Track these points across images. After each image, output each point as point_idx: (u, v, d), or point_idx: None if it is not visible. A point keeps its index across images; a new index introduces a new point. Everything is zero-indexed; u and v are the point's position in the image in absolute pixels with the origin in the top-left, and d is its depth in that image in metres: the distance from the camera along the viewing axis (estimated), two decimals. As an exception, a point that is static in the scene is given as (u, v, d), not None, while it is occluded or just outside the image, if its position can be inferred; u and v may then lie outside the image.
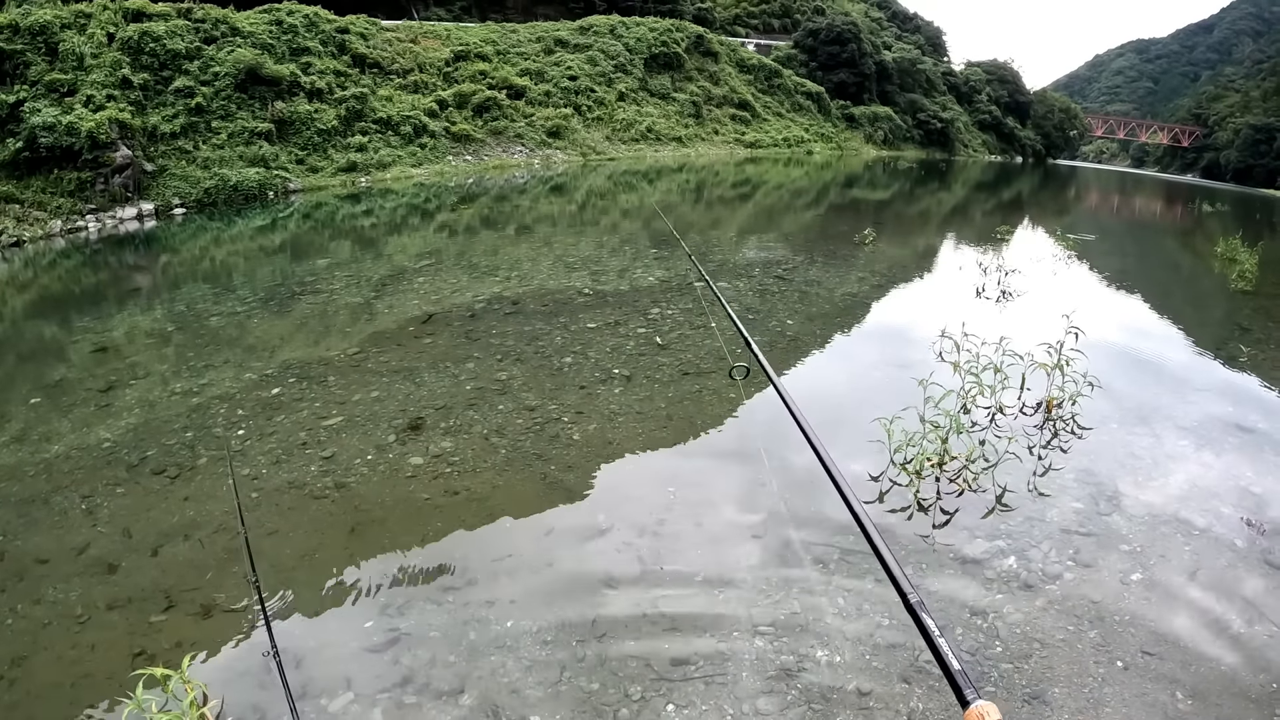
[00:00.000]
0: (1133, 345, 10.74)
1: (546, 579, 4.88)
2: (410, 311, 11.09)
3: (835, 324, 11.21)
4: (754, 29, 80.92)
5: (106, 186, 22.40)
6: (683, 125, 52.69)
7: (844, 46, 72.82)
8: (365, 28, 37.65)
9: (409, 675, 4.05)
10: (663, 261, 15.10)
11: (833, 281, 13.95)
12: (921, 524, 5.60)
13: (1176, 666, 4.19)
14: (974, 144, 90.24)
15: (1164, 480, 6.50)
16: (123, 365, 9.14)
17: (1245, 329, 12.03)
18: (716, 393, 8.13)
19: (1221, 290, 15.61)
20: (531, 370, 8.65)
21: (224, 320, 10.90)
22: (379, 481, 6.17)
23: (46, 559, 5.15)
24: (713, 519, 5.62)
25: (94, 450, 6.79)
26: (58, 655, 4.28)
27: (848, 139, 69.49)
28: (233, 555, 5.10)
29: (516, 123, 41.31)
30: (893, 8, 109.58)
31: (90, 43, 25.31)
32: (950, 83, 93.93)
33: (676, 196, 29.81)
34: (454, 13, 52.99)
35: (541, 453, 6.67)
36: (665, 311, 11.11)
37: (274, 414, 7.48)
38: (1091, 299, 14.06)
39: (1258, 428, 7.78)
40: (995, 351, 7.77)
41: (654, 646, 4.26)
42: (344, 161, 30.90)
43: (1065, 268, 17.02)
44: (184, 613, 4.59)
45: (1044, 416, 7.63)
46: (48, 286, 15.10)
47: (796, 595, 4.71)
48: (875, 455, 6.51)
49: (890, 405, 6.79)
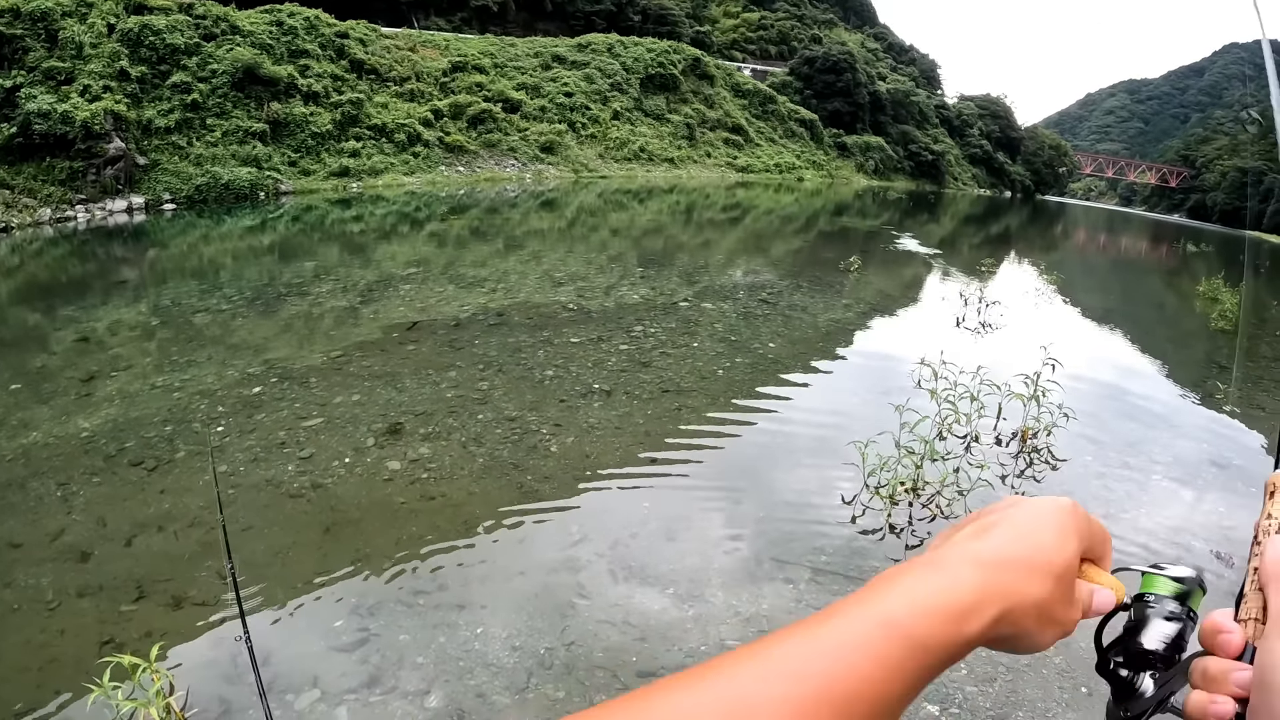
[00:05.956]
0: (1112, 380, 10.86)
1: (518, 586, 4.90)
2: (395, 318, 11.10)
3: (817, 349, 11.28)
4: (751, 54, 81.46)
5: (98, 177, 22.38)
6: (675, 147, 52.93)
7: (839, 76, 73.38)
8: (365, 33, 37.76)
9: (376, 675, 4.06)
10: (649, 280, 15.17)
11: (817, 307, 14.03)
12: (893, 547, 5.66)
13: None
14: (964, 177, 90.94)
15: (1136, 513, 6.57)
16: (105, 356, 9.13)
17: (1224, 367, 12.19)
18: (695, 411, 8.17)
19: (1202, 329, 15.78)
20: (513, 381, 8.68)
21: (209, 317, 10.89)
22: (356, 484, 6.18)
23: (20, 544, 5.15)
24: (685, 534, 5.65)
25: (72, 439, 6.78)
26: (26, 639, 4.28)
27: (839, 167, 69.94)
28: (206, 549, 5.11)
29: (510, 136, 41.45)
30: (889, 39, 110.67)
31: (90, 32, 25.31)
32: (943, 115, 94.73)
33: (667, 217, 29.93)
34: (454, 23, 53.16)
35: (519, 462, 6.69)
36: (648, 329, 11.16)
37: (254, 412, 7.48)
38: (1072, 333, 14.21)
39: (1232, 464, 7.88)
40: (973, 380, 7.85)
41: (622, 657, 4.28)
42: (336, 166, 30.95)
43: (1047, 302, 17.21)
44: (155, 603, 4.60)
45: (1019, 446, 7.70)
46: (34, 274, 15.07)
47: (766, 613, 4.74)
48: (850, 478, 6.56)
49: (866, 430, 6.86)
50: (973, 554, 0.67)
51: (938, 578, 0.65)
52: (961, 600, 0.63)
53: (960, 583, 0.64)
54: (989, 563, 0.66)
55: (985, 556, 0.67)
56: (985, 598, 0.64)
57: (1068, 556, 0.70)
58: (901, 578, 0.65)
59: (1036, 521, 0.71)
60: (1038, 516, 0.71)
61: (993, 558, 0.67)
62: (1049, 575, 0.68)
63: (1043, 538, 0.70)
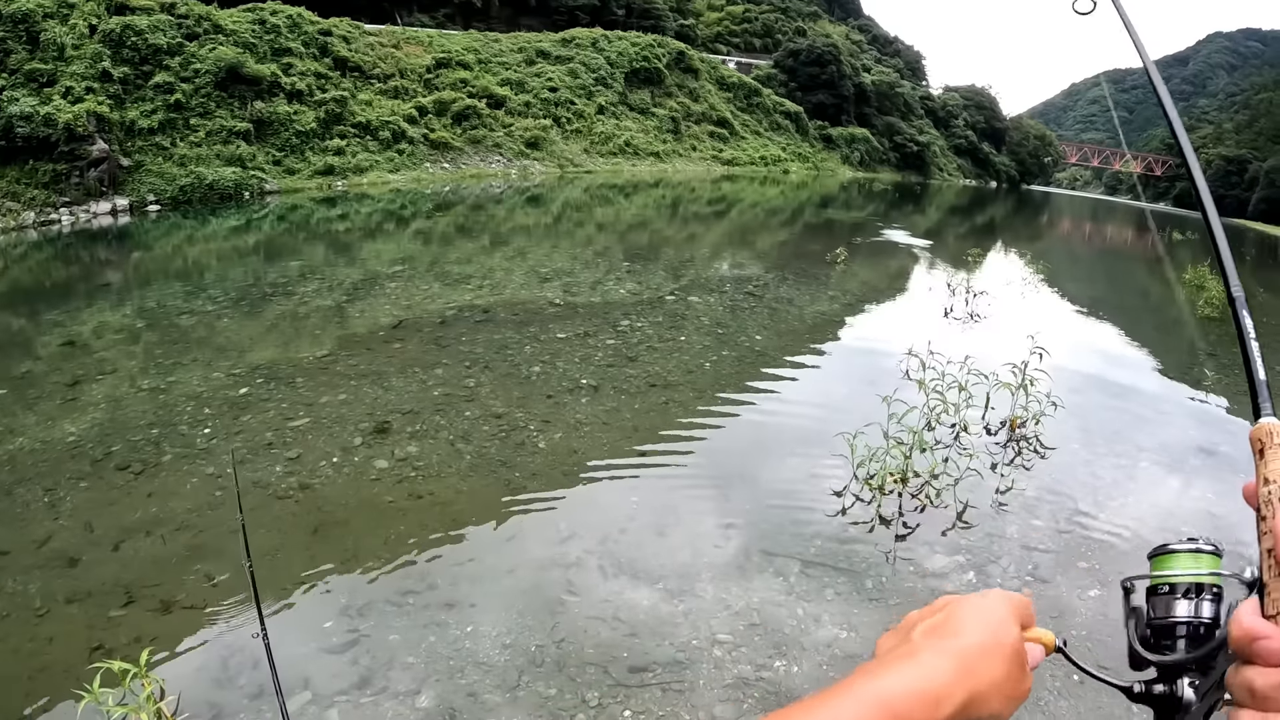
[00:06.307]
0: (1099, 368, 10.90)
1: (507, 584, 4.90)
2: (381, 317, 11.08)
3: (803, 341, 11.30)
4: (735, 47, 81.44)
5: (82, 180, 22.23)
6: (661, 141, 52.87)
7: (824, 68, 73.37)
8: (348, 31, 37.61)
9: (367, 676, 4.06)
10: (635, 275, 15.16)
11: (803, 299, 14.05)
12: (883, 538, 5.67)
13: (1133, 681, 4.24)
14: (949, 168, 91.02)
15: (1124, 500, 6.61)
16: (91, 360, 9.08)
17: (1210, 354, 12.23)
18: (683, 405, 8.18)
19: (1189, 316, 15.82)
20: (499, 378, 8.67)
21: (194, 319, 10.84)
22: (343, 483, 6.17)
23: (7, 551, 5.12)
24: (674, 528, 5.66)
25: (59, 444, 6.74)
26: (14, 648, 4.26)
27: (824, 159, 69.96)
28: (194, 552, 5.09)
29: (495, 132, 41.34)
30: (873, 31, 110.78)
31: (72, 33, 25.14)
32: (928, 107, 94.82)
33: (652, 212, 29.91)
34: (437, 20, 52.99)
35: (506, 460, 6.69)
36: (635, 324, 11.15)
37: (241, 413, 7.45)
38: (1059, 323, 14.25)
39: (1219, 450, 7.93)
40: (961, 370, 7.87)
41: (613, 653, 4.29)
42: (321, 164, 30.82)
43: (1034, 291, 17.24)
44: (144, 608, 4.58)
45: (1007, 435, 7.73)
46: (18, 279, 14.98)
47: (756, 606, 4.75)
48: (838, 469, 6.57)
49: (855, 421, 6.87)
50: (942, 648, 0.76)
51: (919, 667, 0.74)
52: (938, 686, 0.72)
53: (937, 672, 0.73)
54: (956, 654, 0.76)
55: (952, 649, 0.76)
56: (955, 684, 0.73)
57: (1016, 634, 0.80)
58: (888, 666, 0.75)
59: (983, 614, 0.80)
60: (982, 609, 0.81)
61: (956, 650, 0.76)
62: (1004, 656, 0.78)
63: (989, 626, 0.79)
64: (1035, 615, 0.87)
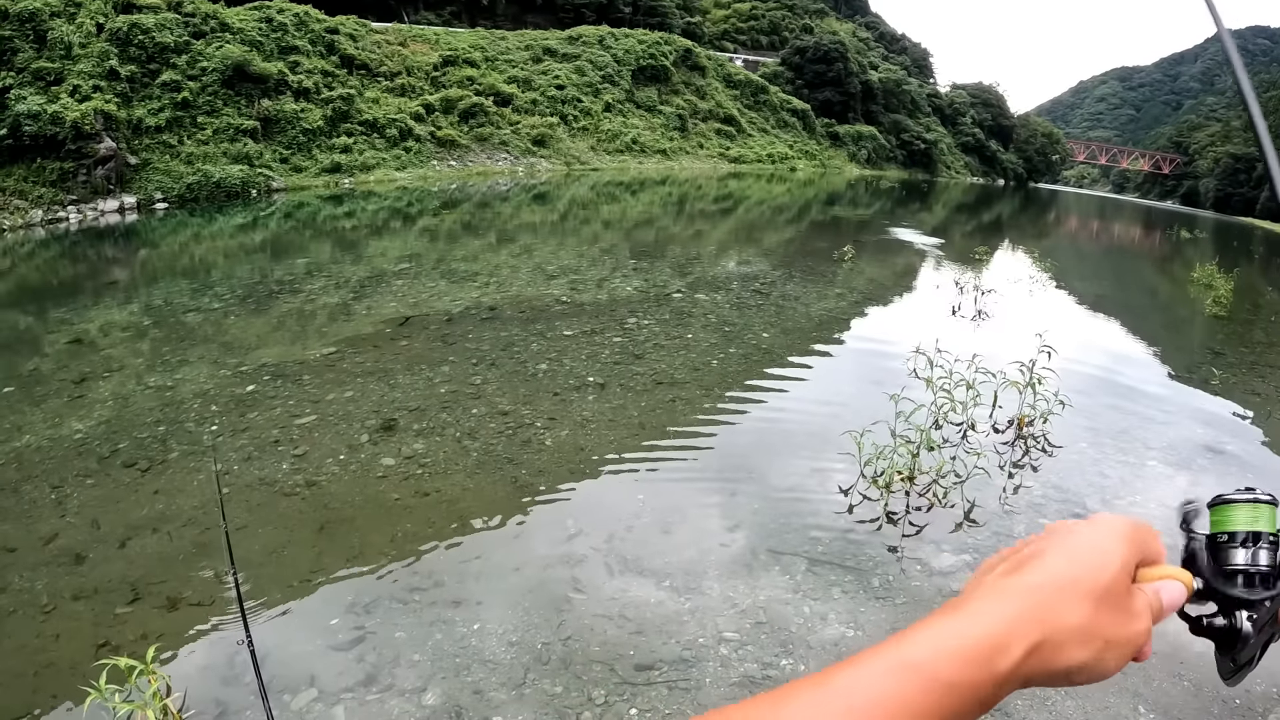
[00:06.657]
0: (1107, 366, 10.85)
1: (513, 581, 4.89)
2: (387, 314, 11.08)
3: (810, 338, 11.27)
4: (742, 45, 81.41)
5: (89, 178, 22.29)
6: (667, 138, 52.88)
7: (830, 65, 73.32)
8: (355, 29, 37.66)
9: (373, 674, 4.05)
10: (642, 272, 15.15)
11: (810, 297, 14.02)
12: (890, 536, 5.65)
13: (1139, 682, 4.23)
14: (956, 166, 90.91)
15: (1132, 499, 6.57)
16: (97, 358, 9.10)
17: (1219, 353, 12.19)
18: (690, 403, 8.16)
19: (1197, 315, 15.78)
20: (506, 375, 8.67)
21: (201, 316, 10.86)
22: (350, 481, 6.17)
23: (14, 548, 5.13)
24: (681, 526, 5.64)
25: (65, 441, 6.75)
26: (21, 644, 4.27)
27: (831, 157, 69.91)
28: (200, 549, 5.09)
29: (502, 130, 41.37)
30: (880, 28, 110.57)
31: (79, 32, 25.22)
32: (935, 104, 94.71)
33: (659, 209, 29.89)
34: (444, 17, 53.06)
35: (513, 457, 6.68)
36: (641, 321, 11.14)
37: (247, 411, 7.46)
38: (1067, 321, 14.21)
39: (1227, 449, 7.87)
40: (968, 369, 7.83)
41: (619, 651, 4.28)
42: (328, 162, 30.87)
43: (1041, 290, 17.17)
44: (150, 605, 4.58)
45: (1015, 434, 7.70)
46: (25, 276, 15.02)
47: (762, 604, 4.74)
48: (846, 468, 6.56)
49: (862, 419, 6.86)
50: (1000, 589, 0.65)
51: (961, 616, 0.63)
52: (988, 636, 0.61)
53: (985, 618, 0.62)
54: (1016, 594, 0.64)
55: (1013, 589, 0.65)
56: (1014, 631, 0.61)
57: (1111, 572, 0.67)
58: (925, 622, 0.63)
59: (1075, 542, 0.68)
60: (1075, 537, 0.69)
61: (1020, 589, 0.65)
62: (1086, 596, 0.64)
63: (1076, 558, 0.67)
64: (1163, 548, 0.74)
